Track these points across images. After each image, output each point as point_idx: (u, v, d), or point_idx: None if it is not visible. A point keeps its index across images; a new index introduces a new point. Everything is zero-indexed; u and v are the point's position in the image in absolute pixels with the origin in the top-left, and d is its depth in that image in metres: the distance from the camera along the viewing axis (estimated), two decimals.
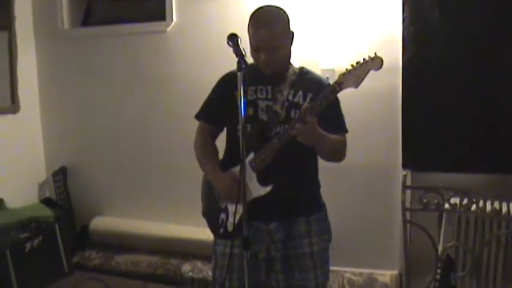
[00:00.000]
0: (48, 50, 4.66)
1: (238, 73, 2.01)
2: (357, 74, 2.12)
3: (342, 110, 2.44)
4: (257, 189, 2.28)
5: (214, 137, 2.54)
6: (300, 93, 2.35)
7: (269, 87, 2.36)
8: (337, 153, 2.40)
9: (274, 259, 2.40)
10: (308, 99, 2.33)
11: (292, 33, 2.33)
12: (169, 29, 4.19)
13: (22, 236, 3.91)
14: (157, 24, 4.24)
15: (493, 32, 3.34)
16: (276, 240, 2.38)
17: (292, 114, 2.32)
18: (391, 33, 3.55)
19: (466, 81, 3.42)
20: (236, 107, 2.05)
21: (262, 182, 2.29)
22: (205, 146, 2.51)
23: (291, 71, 2.39)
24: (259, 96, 2.35)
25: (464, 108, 3.43)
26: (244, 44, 2.15)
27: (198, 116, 2.54)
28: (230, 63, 2.22)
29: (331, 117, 2.32)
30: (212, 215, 2.47)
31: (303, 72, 2.42)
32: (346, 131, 2.45)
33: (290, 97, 2.34)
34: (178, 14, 4.14)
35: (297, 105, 2.33)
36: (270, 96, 2.35)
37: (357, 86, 2.14)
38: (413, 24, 3.45)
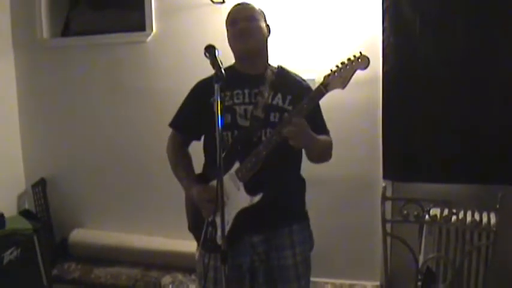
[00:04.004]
0: (27, 60, 4.60)
1: (216, 85, 1.94)
2: (343, 74, 2.08)
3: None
4: (245, 200, 2.20)
5: (186, 145, 2.52)
6: (279, 95, 2.32)
7: (246, 91, 2.32)
8: (326, 155, 2.40)
9: (258, 270, 2.36)
10: (288, 101, 2.31)
11: (269, 26, 2.41)
12: (148, 39, 4.18)
13: (0, 248, 3.85)
14: (137, 35, 4.23)
15: (474, 43, 3.36)
16: (259, 252, 2.34)
17: (272, 118, 2.28)
18: (371, 44, 3.54)
19: (446, 92, 3.43)
20: (212, 116, 2.00)
21: (251, 191, 2.21)
22: (176, 156, 2.48)
23: (269, 71, 2.38)
24: (236, 101, 2.31)
25: (444, 119, 3.45)
26: (222, 56, 2.12)
27: (170, 124, 2.52)
28: (209, 74, 2.18)
29: (317, 118, 2.33)
30: (198, 228, 2.37)
31: (281, 71, 2.42)
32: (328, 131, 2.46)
33: (269, 100, 2.31)
34: (158, 25, 4.14)
35: (276, 108, 2.30)
36: (247, 100, 2.31)
37: (343, 87, 2.09)
38: (393, 35, 3.47)
